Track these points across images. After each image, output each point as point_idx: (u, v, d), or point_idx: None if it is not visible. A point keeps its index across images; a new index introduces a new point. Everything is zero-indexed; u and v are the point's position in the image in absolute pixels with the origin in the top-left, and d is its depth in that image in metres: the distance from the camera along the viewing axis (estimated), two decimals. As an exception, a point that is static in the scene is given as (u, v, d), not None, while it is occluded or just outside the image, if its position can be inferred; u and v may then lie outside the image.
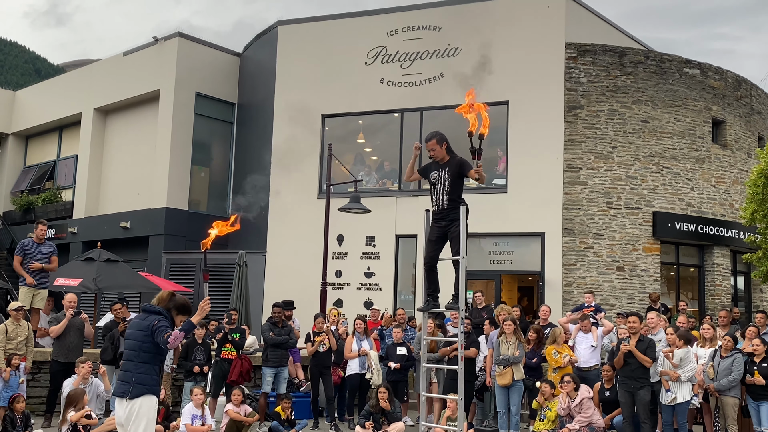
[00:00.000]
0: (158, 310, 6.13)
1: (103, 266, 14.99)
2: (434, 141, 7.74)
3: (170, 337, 5.91)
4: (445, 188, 7.64)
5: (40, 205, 25.53)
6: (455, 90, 17.73)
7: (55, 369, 11.14)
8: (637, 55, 17.50)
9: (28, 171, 27.47)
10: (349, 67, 18.96)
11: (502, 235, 16.81)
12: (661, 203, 16.91)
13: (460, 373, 7.57)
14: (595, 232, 16.62)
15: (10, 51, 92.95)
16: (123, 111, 23.58)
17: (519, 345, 10.96)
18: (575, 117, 16.91)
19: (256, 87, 21.54)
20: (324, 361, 12.07)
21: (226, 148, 22.64)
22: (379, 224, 17.66)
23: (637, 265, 16.61)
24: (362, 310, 16.68)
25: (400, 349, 12.25)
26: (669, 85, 17.35)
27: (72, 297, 11.53)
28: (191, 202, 21.56)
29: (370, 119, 19.34)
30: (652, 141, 17.02)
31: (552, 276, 16.51)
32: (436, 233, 7.77)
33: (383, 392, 11.01)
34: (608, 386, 11.01)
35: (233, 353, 11.74)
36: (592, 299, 13.89)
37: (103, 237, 20.13)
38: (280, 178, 19.36)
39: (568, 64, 17.07)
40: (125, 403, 5.92)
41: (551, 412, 10.62)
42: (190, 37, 22.04)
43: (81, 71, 26.92)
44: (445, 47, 18.10)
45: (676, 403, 10.03)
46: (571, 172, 16.77)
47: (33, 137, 27.84)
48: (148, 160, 21.68)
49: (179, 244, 20.81)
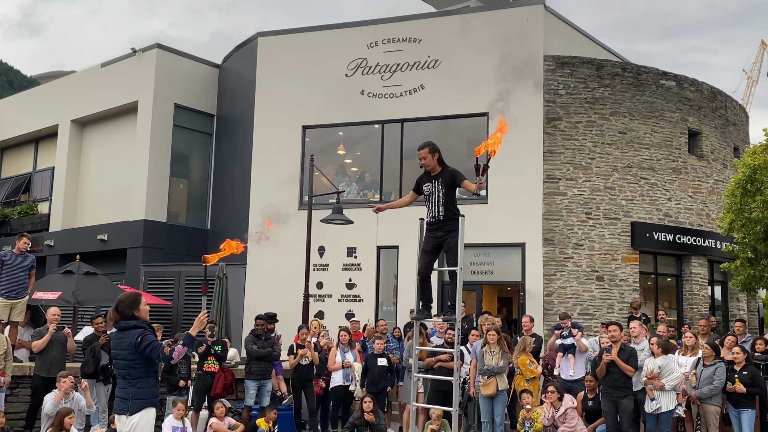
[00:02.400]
0: (132, 324, 6.05)
1: (83, 279, 14.84)
2: (426, 150, 7.73)
3: (174, 353, 5.88)
4: (439, 199, 7.66)
5: (15, 217, 25.20)
6: (436, 101, 17.90)
7: (37, 383, 10.97)
8: (614, 67, 17.74)
9: (4, 183, 27.12)
10: (329, 79, 19.00)
11: (483, 245, 16.87)
12: (639, 213, 17.10)
13: (455, 384, 7.58)
14: (575, 242, 16.76)
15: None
16: (100, 122, 23.40)
17: (503, 355, 11.00)
18: (554, 128, 17.07)
19: (235, 98, 21.49)
20: (306, 374, 12.01)
21: (205, 159, 22.53)
22: (361, 235, 17.66)
23: (616, 275, 16.77)
24: (344, 322, 16.65)
25: (380, 360, 12.21)
26: (646, 96, 17.59)
27: (55, 311, 11.38)
28: (170, 214, 21.41)
29: (351, 131, 19.37)
30: (629, 152, 17.23)
31: (532, 286, 16.61)
32: (432, 244, 7.79)
33: (368, 402, 10.98)
34: (591, 396, 11.06)
35: (216, 366, 11.66)
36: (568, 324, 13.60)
37: (80, 250, 19.94)
38: (259, 189, 19.30)
39: (547, 76, 17.24)
40: (125, 419, 5.89)
41: (537, 423, 10.65)
42: (168, 49, 21.95)
43: (58, 82, 26.69)
44: (425, 59, 18.21)
45: (661, 412, 10.11)
46: (551, 183, 16.92)
47: (8, 149, 27.51)
48: (126, 171, 21.51)
49: (158, 256, 20.64)
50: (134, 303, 6.12)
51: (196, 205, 22.41)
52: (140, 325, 6.04)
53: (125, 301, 6.14)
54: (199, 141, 22.41)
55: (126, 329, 6.03)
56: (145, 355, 5.90)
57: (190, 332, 6.08)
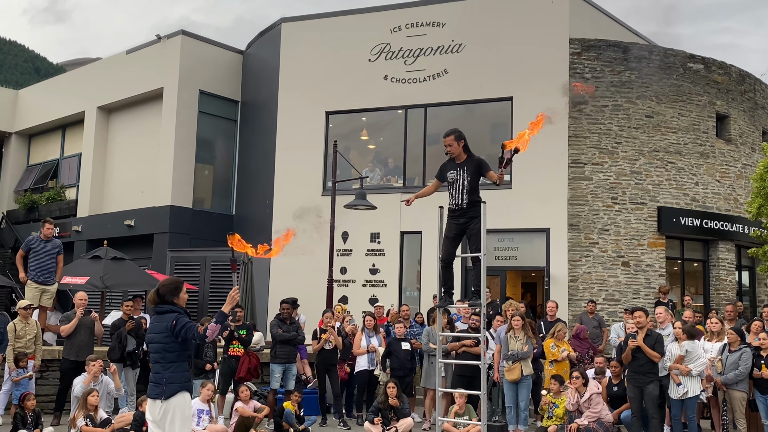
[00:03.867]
0: (169, 308, 6.12)
1: (110, 264, 15.02)
2: (452, 137, 7.74)
3: (208, 331, 5.94)
4: (464, 187, 7.66)
5: (43, 203, 25.54)
6: (459, 86, 17.80)
7: (66, 367, 11.16)
8: (641, 50, 17.50)
9: (32, 170, 27.47)
10: (352, 64, 18.97)
11: (507, 231, 16.80)
12: (665, 198, 16.92)
13: (483, 368, 7.62)
14: (600, 227, 16.63)
15: (9, 50, 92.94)
16: (126, 109, 23.59)
17: (527, 340, 10.98)
18: (579, 112, 16.91)
19: (259, 84, 21.54)
20: (330, 358, 12.08)
21: (229, 145, 22.65)
22: (384, 221, 17.66)
23: (642, 260, 16.62)
24: (367, 307, 16.69)
25: (404, 344, 12.26)
26: (673, 80, 17.35)
27: (83, 295, 11.55)
28: (195, 200, 21.57)
29: (374, 116, 19.35)
30: (656, 136, 17.03)
31: (557, 272, 16.52)
32: (454, 231, 7.80)
33: (392, 388, 11.04)
34: (616, 381, 11.03)
35: (241, 350, 11.76)
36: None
37: (107, 235, 20.16)
38: (284, 175, 19.37)
39: (572, 59, 17.07)
40: (160, 404, 5.94)
41: (559, 409, 10.64)
42: (193, 35, 22.05)
43: (84, 69, 26.93)
44: (449, 43, 18.10)
45: (687, 397, 10.04)
46: (576, 168, 16.78)
47: (36, 136, 27.84)
48: (151, 158, 21.69)
49: (184, 241, 20.83)
50: (176, 290, 6.19)
51: (221, 190, 22.57)
52: (176, 309, 6.11)
53: (168, 287, 6.20)
54: (223, 127, 22.52)
55: (163, 313, 6.10)
56: (181, 336, 5.95)
57: (223, 309, 6.12)
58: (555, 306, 13.16)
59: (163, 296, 6.13)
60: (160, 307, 6.12)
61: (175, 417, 5.91)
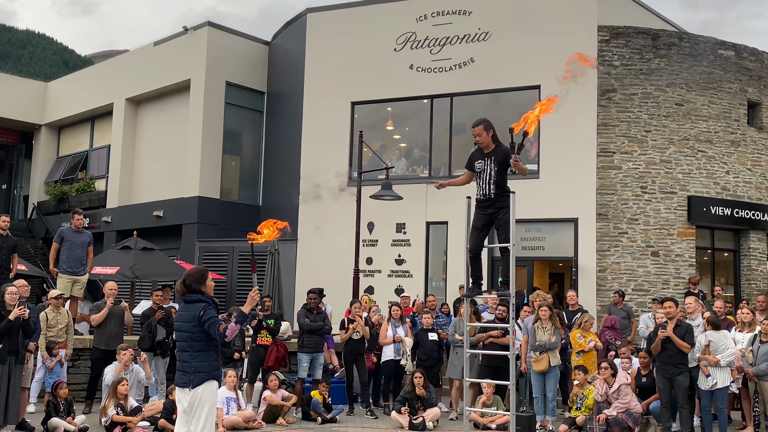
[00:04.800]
0: (197, 298, 6.16)
1: (140, 254, 15.20)
2: (481, 127, 7.73)
3: (227, 331, 5.96)
4: (491, 177, 7.64)
5: (73, 194, 25.87)
6: (486, 75, 17.68)
7: (96, 356, 11.32)
8: (670, 37, 17.24)
9: (61, 161, 27.83)
10: (378, 54, 18.92)
11: (534, 221, 16.68)
12: (696, 187, 16.69)
13: (512, 359, 7.62)
14: (630, 217, 16.46)
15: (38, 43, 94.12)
16: (154, 101, 23.79)
17: (555, 331, 10.93)
18: (608, 101, 16.72)
19: (285, 75, 21.59)
20: (357, 347, 12.11)
21: (256, 136, 22.75)
22: (410, 211, 17.65)
23: (672, 250, 16.44)
24: (393, 297, 16.71)
25: (431, 335, 12.27)
26: (703, 67, 17.07)
27: (113, 285, 11.69)
28: (223, 190, 21.73)
29: (400, 106, 19.29)
30: (686, 124, 16.79)
31: (585, 262, 16.39)
32: (482, 221, 7.78)
33: (419, 378, 11.06)
34: (645, 372, 10.94)
35: (269, 339, 11.85)
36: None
37: (136, 226, 20.38)
38: (310, 166, 19.42)
39: (601, 47, 16.86)
40: (188, 392, 5.99)
41: (588, 400, 10.58)
42: (219, 26, 22.15)
43: (112, 61, 27.20)
44: (475, 32, 17.97)
45: (716, 388, 9.93)
46: (605, 157, 16.61)
47: (65, 128, 28.18)
48: (179, 149, 21.86)
49: (212, 232, 21.00)
50: (201, 278, 6.23)
51: (248, 181, 22.70)
52: (204, 299, 6.14)
53: (193, 276, 6.25)
54: (250, 118, 22.62)
55: (191, 302, 6.14)
56: (206, 328, 6.00)
57: (243, 309, 6.16)
58: (575, 296, 13.07)
59: (189, 285, 6.17)
60: (189, 297, 6.17)
61: (204, 406, 5.96)
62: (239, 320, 6.11)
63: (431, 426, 10.77)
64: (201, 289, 6.16)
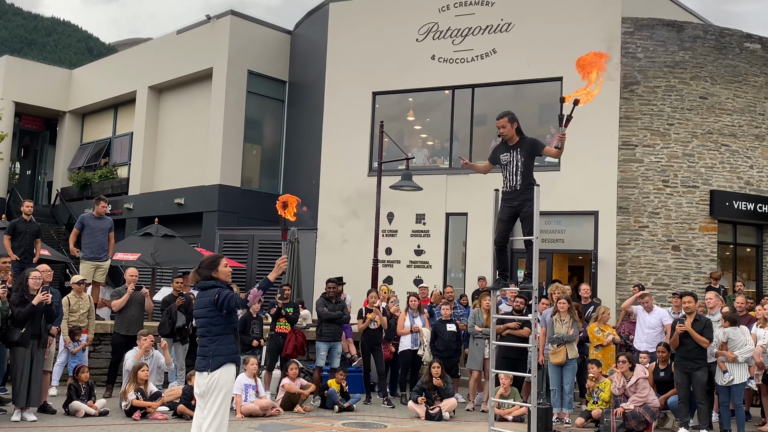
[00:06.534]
0: (212, 284, 6.23)
1: (161, 241, 15.32)
2: (506, 119, 7.73)
3: (249, 296, 6.06)
4: (518, 169, 7.65)
5: (96, 181, 26.13)
6: (508, 66, 17.60)
7: (117, 341, 11.45)
8: (695, 29, 17.05)
9: (85, 148, 28.11)
10: (400, 44, 18.89)
11: (554, 213, 16.61)
12: (718, 181, 16.53)
13: (533, 351, 7.66)
14: (651, 210, 16.35)
15: (63, 30, 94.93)
16: (176, 89, 23.94)
17: (573, 324, 10.90)
18: (631, 93, 16.58)
19: (307, 65, 21.62)
20: (375, 337, 12.15)
21: (277, 126, 22.83)
22: (430, 202, 17.64)
23: (693, 244, 16.30)
24: (412, 288, 16.74)
25: (449, 326, 12.27)
26: (729, 60, 16.87)
27: (133, 271, 11.80)
28: (243, 179, 21.85)
29: (421, 96, 19.26)
30: (710, 118, 16.62)
31: (605, 255, 16.31)
32: (508, 213, 7.80)
33: (436, 368, 11.08)
34: (663, 367, 10.89)
35: (287, 327, 11.91)
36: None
37: (158, 213, 20.57)
38: (330, 155, 19.46)
39: (625, 39, 16.71)
40: (206, 375, 6.07)
41: (604, 393, 10.55)
42: (242, 15, 22.22)
43: (135, 50, 27.38)
44: (497, 22, 17.88)
45: (733, 384, 9.87)
46: (627, 150, 16.49)
47: (89, 115, 28.45)
48: (201, 137, 22.00)
49: (232, 220, 21.14)
50: (212, 264, 6.30)
51: (269, 170, 22.80)
52: (219, 284, 6.21)
53: (205, 263, 6.34)
54: (271, 107, 22.71)
55: (206, 288, 6.22)
56: (225, 307, 6.06)
57: (269, 277, 6.21)
58: (589, 289, 13.01)
59: (202, 273, 6.27)
60: (203, 283, 6.25)
61: (220, 392, 6.02)
62: (262, 286, 6.17)
63: (448, 416, 10.80)
64: (214, 275, 6.23)
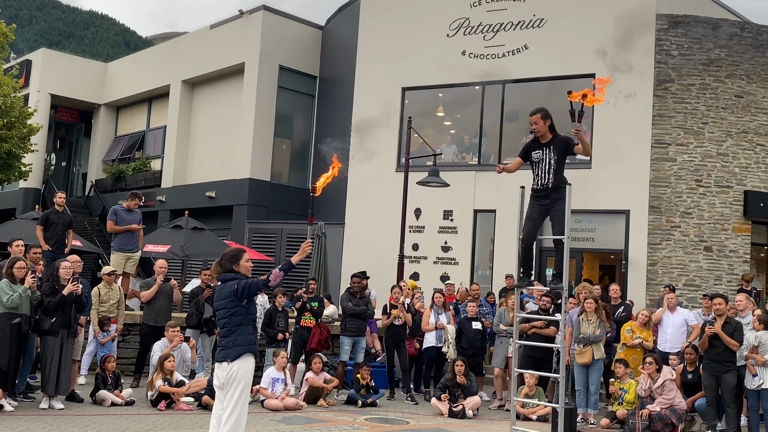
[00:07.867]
0: (232, 276, 6.31)
1: (191, 234, 15.48)
2: (539, 115, 7.61)
3: (271, 277, 6.17)
4: (550, 167, 7.54)
5: (130, 173, 26.48)
6: (540, 62, 17.44)
7: (145, 332, 11.60)
8: (732, 26, 16.73)
9: (119, 141, 28.49)
10: (430, 40, 18.82)
11: (585, 211, 16.42)
12: (753, 182, 16.22)
13: (562, 351, 7.64)
14: (683, 210, 16.10)
15: (101, 24, 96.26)
16: (209, 83, 24.14)
17: (600, 324, 10.78)
18: (665, 91, 16.34)
19: (337, 60, 21.66)
20: (399, 333, 12.15)
21: (307, 120, 22.92)
22: (457, 199, 17.58)
23: (726, 245, 16.03)
24: (438, 284, 16.68)
25: (475, 323, 12.23)
26: (766, 58, 16.53)
27: (163, 263, 11.93)
28: (273, 173, 21.98)
29: (451, 92, 19.17)
30: (746, 117, 16.31)
31: (636, 255, 16.11)
32: (537, 211, 7.71)
33: (460, 366, 11.05)
34: (691, 369, 10.73)
35: (312, 321, 11.96)
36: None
37: (189, 206, 20.76)
38: (359, 150, 19.45)
39: (659, 36, 16.47)
40: (226, 366, 6.15)
41: (629, 395, 10.44)
42: (274, 11, 22.33)
43: (169, 44, 27.68)
44: (530, 18, 17.73)
45: (762, 388, 9.68)
46: (660, 148, 16.26)
47: (123, 108, 28.82)
48: (232, 131, 22.17)
49: (262, 214, 21.28)
50: (234, 258, 6.40)
51: (298, 165, 22.91)
52: (239, 277, 6.29)
53: (227, 255, 6.45)
54: (301, 102, 22.81)
55: (226, 281, 6.30)
56: (245, 295, 6.16)
57: (292, 260, 6.27)
58: (618, 289, 12.85)
59: (224, 265, 6.38)
60: (224, 276, 6.36)
61: (240, 384, 6.09)
62: (284, 268, 6.27)
63: (471, 414, 10.76)
64: (234, 269, 6.32)
